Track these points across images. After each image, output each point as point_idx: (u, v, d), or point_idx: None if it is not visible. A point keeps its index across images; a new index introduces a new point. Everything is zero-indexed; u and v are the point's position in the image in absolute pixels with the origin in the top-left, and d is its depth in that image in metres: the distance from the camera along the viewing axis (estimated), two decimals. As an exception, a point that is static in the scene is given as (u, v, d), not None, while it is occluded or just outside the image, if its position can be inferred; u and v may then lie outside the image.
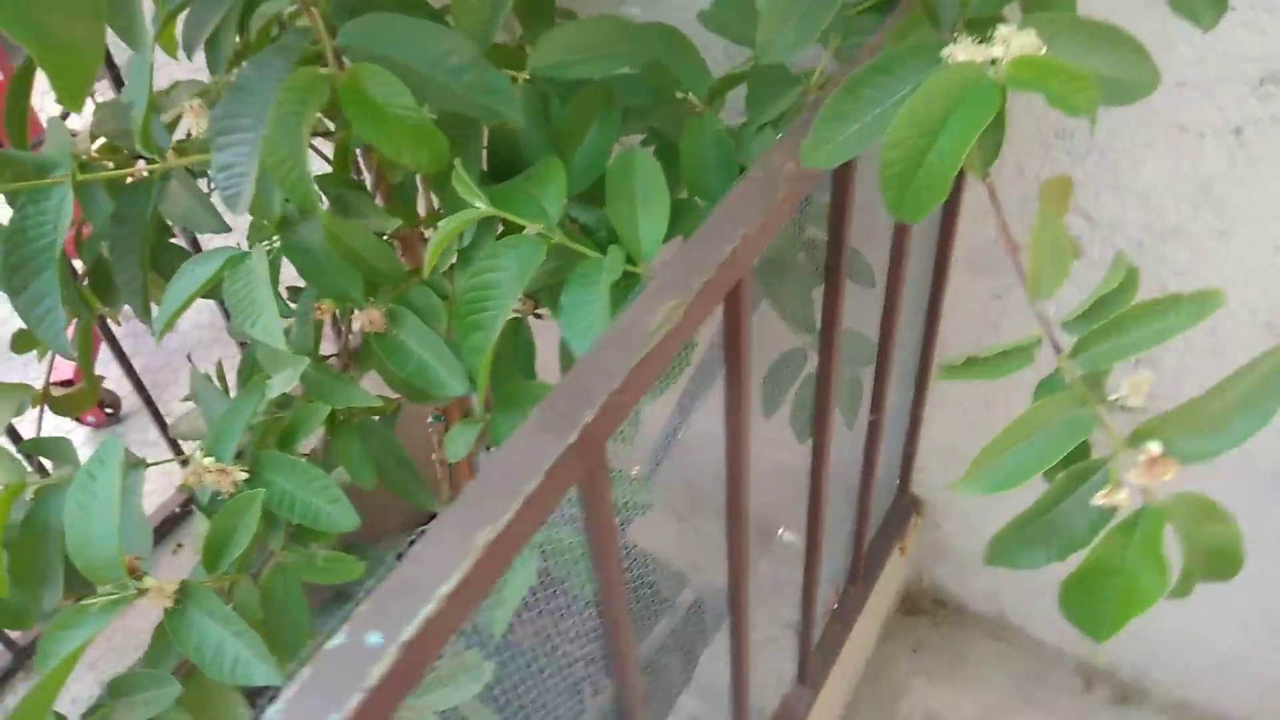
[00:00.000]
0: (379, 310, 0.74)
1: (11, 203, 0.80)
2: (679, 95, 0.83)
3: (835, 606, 1.54)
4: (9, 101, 0.97)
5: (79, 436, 2.03)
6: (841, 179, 0.80)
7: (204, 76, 1.43)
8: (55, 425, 1.96)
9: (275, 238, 0.77)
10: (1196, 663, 1.56)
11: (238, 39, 1.04)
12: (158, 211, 0.83)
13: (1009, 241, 0.59)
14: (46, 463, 1.04)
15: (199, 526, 0.99)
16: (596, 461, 0.56)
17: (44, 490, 1.02)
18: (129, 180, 0.81)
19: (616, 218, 0.70)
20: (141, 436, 1.98)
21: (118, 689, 0.68)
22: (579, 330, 0.65)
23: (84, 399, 1.22)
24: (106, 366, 1.41)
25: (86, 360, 1.22)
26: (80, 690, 1.50)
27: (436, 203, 0.87)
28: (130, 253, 0.81)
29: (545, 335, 0.86)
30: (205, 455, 0.72)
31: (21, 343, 1.19)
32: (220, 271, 0.72)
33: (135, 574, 0.66)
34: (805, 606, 1.30)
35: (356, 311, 0.78)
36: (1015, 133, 1.15)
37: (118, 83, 1.31)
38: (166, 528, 1.63)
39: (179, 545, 1.66)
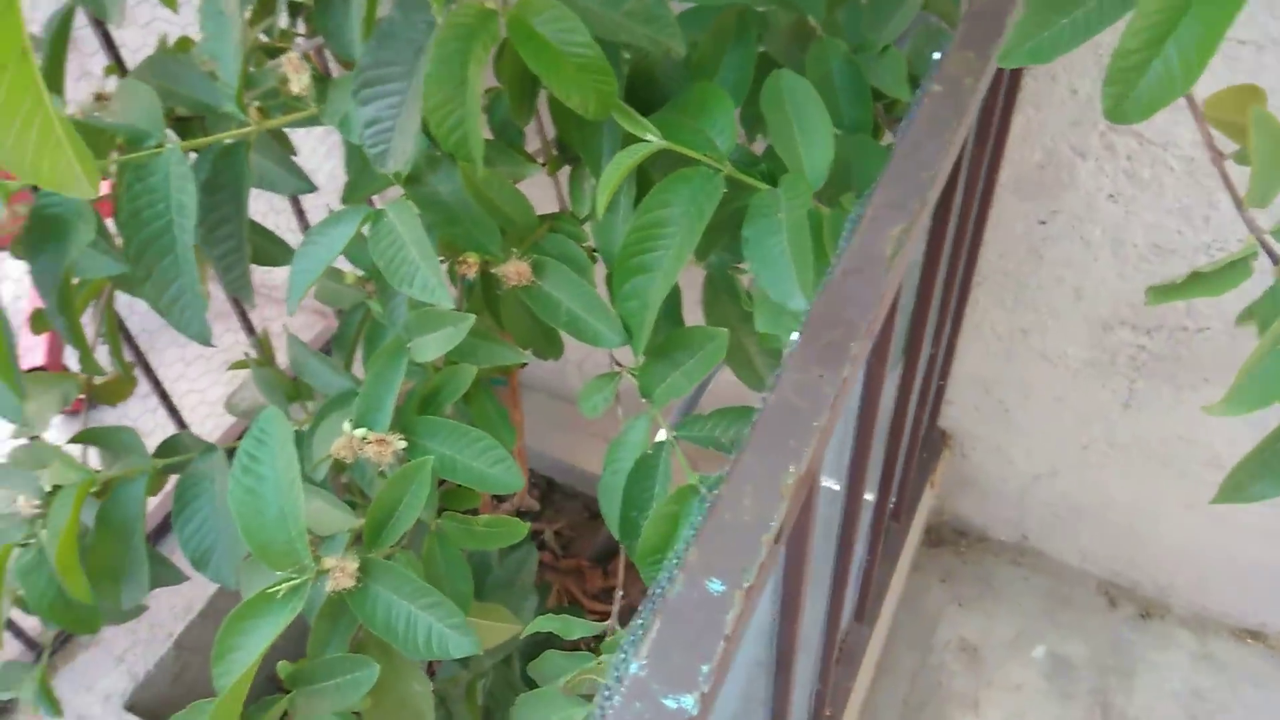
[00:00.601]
0: (526, 262, 0.70)
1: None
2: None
3: (882, 545, 1.55)
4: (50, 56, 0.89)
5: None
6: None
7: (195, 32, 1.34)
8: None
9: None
10: (1216, 574, 1.62)
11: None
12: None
13: (1214, 151, 0.58)
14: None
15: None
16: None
17: (114, 484, 0.96)
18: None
19: (778, 144, 0.67)
20: (121, 418, 1.86)
21: (299, 677, 0.63)
22: (767, 263, 0.62)
23: (123, 387, 1.14)
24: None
25: (116, 342, 1.14)
26: (112, 685, 1.43)
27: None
28: (228, 222, 0.75)
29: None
30: (356, 427, 0.68)
31: (39, 324, 1.11)
32: (357, 231, 0.67)
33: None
34: (871, 547, 1.30)
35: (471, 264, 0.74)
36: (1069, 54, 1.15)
37: (112, 54, 1.21)
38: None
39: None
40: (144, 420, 1.49)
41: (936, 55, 0.68)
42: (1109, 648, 1.69)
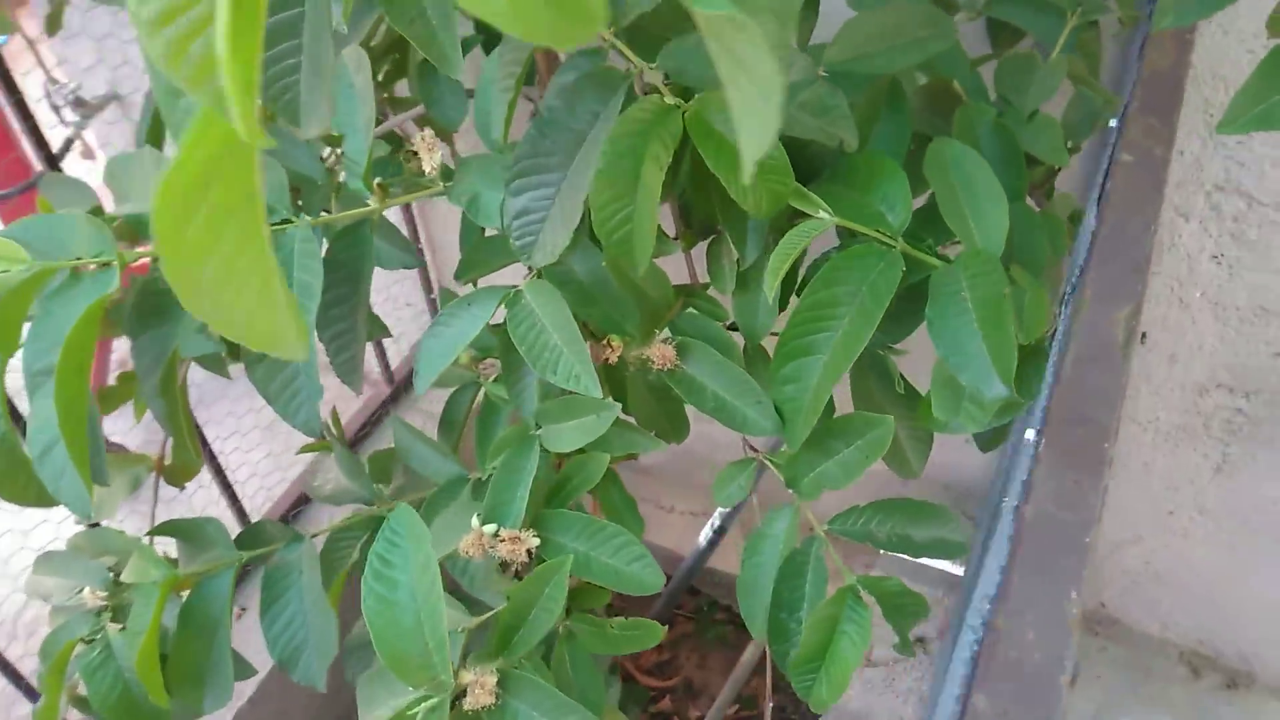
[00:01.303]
0: (671, 344, 0.65)
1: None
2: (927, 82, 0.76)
3: (964, 618, 1.48)
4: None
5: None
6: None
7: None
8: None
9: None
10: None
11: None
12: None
13: None
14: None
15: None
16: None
17: (196, 579, 0.90)
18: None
19: (947, 216, 0.62)
20: (171, 497, 1.81)
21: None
22: (956, 346, 0.57)
23: (190, 467, 1.08)
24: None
25: (189, 422, 1.09)
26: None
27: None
28: (344, 302, 0.70)
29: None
30: (485, 522, 0.62)
31: (109, 403, 1.07)
32: (491, 314, 0.62)
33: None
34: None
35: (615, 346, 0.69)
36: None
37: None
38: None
39: (242, 609, 1.51)
40: (198, 496, 1.43)
41: (1113, 122, 0.63)
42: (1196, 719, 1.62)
